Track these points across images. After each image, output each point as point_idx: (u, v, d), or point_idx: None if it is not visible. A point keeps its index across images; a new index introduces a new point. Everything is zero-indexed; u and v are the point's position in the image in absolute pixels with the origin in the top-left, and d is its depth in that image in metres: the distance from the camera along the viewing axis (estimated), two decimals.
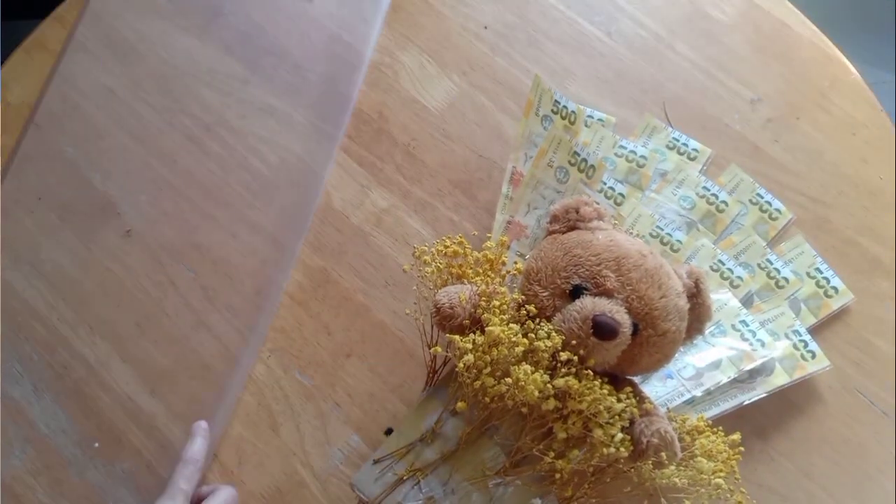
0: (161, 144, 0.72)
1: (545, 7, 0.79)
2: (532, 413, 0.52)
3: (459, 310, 0.53)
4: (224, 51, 0.76)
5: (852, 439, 0.62)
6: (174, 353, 0.65)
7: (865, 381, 0.64)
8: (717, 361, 0.61)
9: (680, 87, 0.75)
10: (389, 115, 0.74)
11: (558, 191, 0.65)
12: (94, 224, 0.69)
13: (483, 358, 0.50)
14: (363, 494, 0.55)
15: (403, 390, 0.64)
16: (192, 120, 0.73)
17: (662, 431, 0.50)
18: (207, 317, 0.66)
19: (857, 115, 0.74)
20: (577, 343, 0.50)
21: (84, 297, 0.67)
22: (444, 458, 0.55)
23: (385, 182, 0.72)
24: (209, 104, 0.74)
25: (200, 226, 0.69)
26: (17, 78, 0.75)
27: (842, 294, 0.65)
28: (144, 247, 0.69)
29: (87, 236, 0.69)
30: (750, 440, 0.61)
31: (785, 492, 0.60)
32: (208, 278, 0.68)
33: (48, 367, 0.65)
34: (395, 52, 0.77)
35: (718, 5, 0.79)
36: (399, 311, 0.67)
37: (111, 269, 0.68)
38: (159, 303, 0.67)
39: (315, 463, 0.62)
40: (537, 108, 0.66)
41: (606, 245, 0.53)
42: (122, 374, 0.64)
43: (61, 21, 0.78)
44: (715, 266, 0.66)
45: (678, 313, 0.53)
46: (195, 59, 0.76)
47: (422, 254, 0.57)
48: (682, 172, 0.70)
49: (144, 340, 0.66)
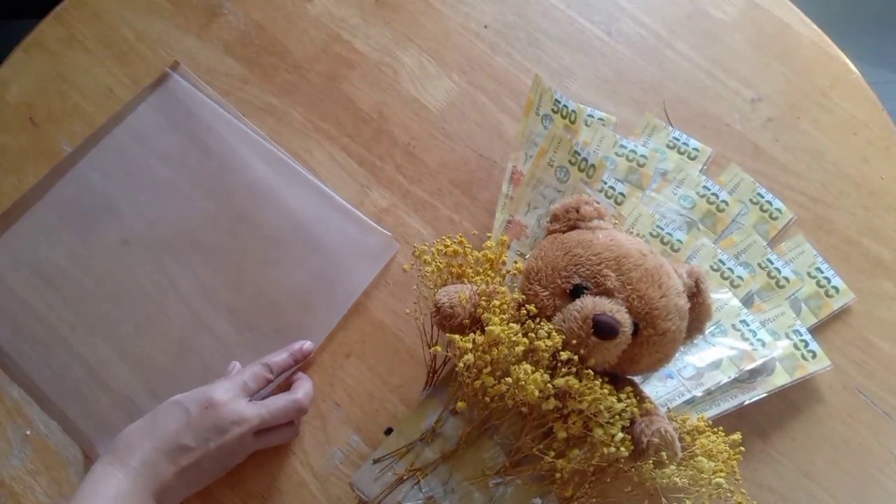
0: (161, 144, 0.72)
1: (545, 6, 0.79)
2: (532, 413, 0.52)
3: (459, 309, 0.53)
4: (224, 50, 0.76)
5: (853, 439, 0.62)
6: (174, 354, 0.65)
7: (866, 381, 0.64)
8: (717, 361, 0.61)
9: (680, 86, 0.75)
10: (389, 114, 0.74)
11: (559, 190, 0.65)
12: (93, 224, 0.69)
13: (483, 357, 0.50)
14: (363, 494, 0.55)
15: (403, 390, 0.64)
16: (192, 120, 0.73)
17: (663, 431, 0.50)
18: (207, 317, 0.66)
19: (858, 115, 0.74)
20: (577, 342, 0.50)
21: (83, 296, 0.67)
22: (444, 457, 0.55)
23: (385, 181, 0.72)
24: (209, 104, 0.74)
25: (200, 225, 0.69)
26: (16, 77, 0.75)
27: (842, 294, 0.65)
28: (144, 247, 0.68)
29: (87, 235, 0.69)
30: (750, 440, 0.61)
31: (785, 492, 0.60)
32: (208, 278, 0.67)
33: (47, 367, 0.65)
34: (395, 51, 0.77)
35: (719, 5, 0.79)
36: (399, 311, 0.67)
37: (110, 268, 0.68)
38: (159, 303, 0.67)
39: (315, 462, 0.62)
40: (538, 108, 0.66)
41: (607, 244, 0.53)
42: (121, 375, 0.64)
43: (60, 20, 0.78)
44: (715, 266, 0.66)
45: (678, 313, 0.52)
46: (195, 58, 0.76)
47: (422, 253, 0.57)
48: (683, 172, 0.70)
49: (144, 341, 0.65)
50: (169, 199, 0.70)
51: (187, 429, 0.54)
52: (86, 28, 0.77)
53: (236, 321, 0.66)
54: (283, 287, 0.67)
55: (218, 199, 0.70)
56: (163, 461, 0.53)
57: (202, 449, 0.53)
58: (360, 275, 0.68)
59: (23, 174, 0.71)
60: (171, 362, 0.65)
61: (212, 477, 0.56)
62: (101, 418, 0.63)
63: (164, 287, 0.67)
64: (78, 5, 0.79)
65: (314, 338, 0.65)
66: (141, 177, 0.71)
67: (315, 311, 0.66)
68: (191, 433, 0.54)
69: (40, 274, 0.68)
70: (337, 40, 0.77)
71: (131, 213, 0.70)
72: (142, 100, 0.74)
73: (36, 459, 0.62)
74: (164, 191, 0.71)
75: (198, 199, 0.70)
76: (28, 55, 0.76)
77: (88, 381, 0.64)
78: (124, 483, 0.51)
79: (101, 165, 0.71)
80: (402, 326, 0.66)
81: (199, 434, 0.54)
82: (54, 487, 0.61)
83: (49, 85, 0.75)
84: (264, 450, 0.62)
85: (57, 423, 0.63)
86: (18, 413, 0.63)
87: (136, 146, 0.72)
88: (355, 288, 0.67)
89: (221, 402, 0.55)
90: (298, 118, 0.74)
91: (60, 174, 0.71)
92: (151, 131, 0.73)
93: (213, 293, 0.67)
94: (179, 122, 0.73)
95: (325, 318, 0.66)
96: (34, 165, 0.72)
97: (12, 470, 0.62)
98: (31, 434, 0.63)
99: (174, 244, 0.69)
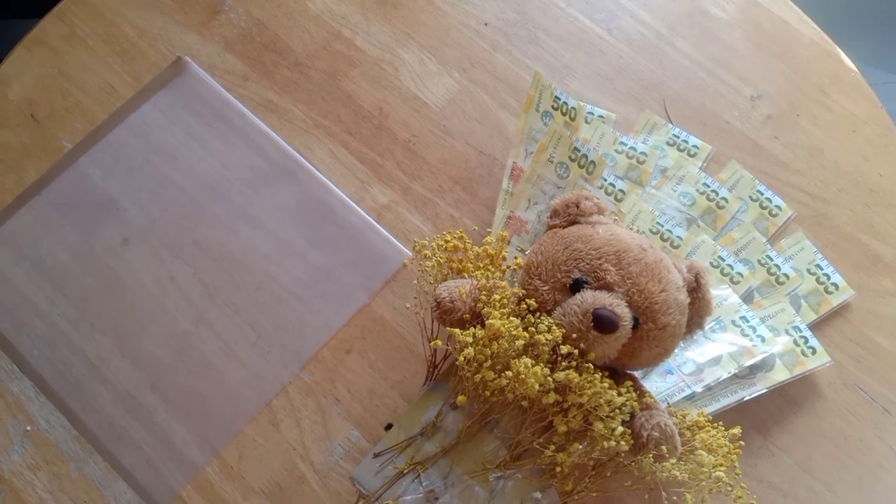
0: (162, 141, 0.72)
1: (546, 4, 0.79)
2: (532, 406, 0.52)
3: (460, 304, 0.53)
4: (224, 47, 0.76)
5: (852, 435, 0.62)
6: (175, 350, 0.65)
7: (865, 377, 0.64)
8: (717, 357, 0.61)
9: (680, 83, 0.75)
10: (390, 111, 0.74)
11: (559, 186, 0.66)
12: (94, 220, 0.69)
13: (483, 352, 0.50)
14: (363, 488, 0.55)
15: (403, 386, 0.64)
16: (192, 116, 0.73)
17: (663, 425, 0.50)
18: (208, 313, 0.66)
19: (857, 113, 0.74)
20: (577, 337, 0.50)
21: (85, 292, 0.67)
22: (444, 451, 0.55)
23: (385, 178, 0.72)
24: (210, 100, 0.74)
25: (201, 222, 0.70)
26: (18, 74, 0.75)
27: (842, 290, 0.65)
28: (145, 243, 0.69)
29: (88, 232, 0.69)
30: (750, 435, 0.61)
31: (785, 487, 0.60)
32: (209, 274, 0.68)
33: (48, 362, 0.65)
34: (395, 48, 0.77)
35: (719, 3, 0.79)
36: (399, 307, 0.67)
37: (112, 265, 0.68)
38: (160, 299, 0.67)
39: (315, 458, 0.62)
40: (538, 105, 0.66)
41: (607, 239, 0.53)
42: (122, 370, 0.64)
43: (62, 17, 0.78)
44: (715, 262, 0.66)
45: (678, 307, 0.53)
46: (196, 55, 0.76)
47: (422, 248, 0.57)
48: (683, 169, 0.70)
49: (145, 336, 0.66)
50: (171, 196, 0.70)
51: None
52: (87, 25, 0.78)
53: (237, 317, 0.66)
54: (284, 284, 0.67)
55: (220, 195, 0.70)
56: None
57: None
58: (366, 276, 0.68)
59: (24, 171, 0.71)
60: (173, 358, 0.65)
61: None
62: (103, 414, 0.63)
63: (166, 283, 0.67)
64: (79, 2, 0.79)
65: (315, 336, 0.65)
66: (142, 173, 0.71)
67: (317, 308, 0.67)
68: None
69: (42, 270, 0.68)
70: (338, 37, 0.78)
71: (133, 209, 0.70)
72: (149, 95, 0.74)
73: (36, 455, 0.62)
74: (165, 187, 0.71)
75: (199, 195, 0.70)
76: (29, 52, 0.77)
77: (90, 376, 0.64)
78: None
79: (103, 162, 0.72)
80: (403, 322, 0.66)
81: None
82: (55, 482, 0.61)
83: (50, 82, 0.75)
84: (264, 445, 0.62)
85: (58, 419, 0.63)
86: (19, 408, 0.63)
87: (138, 143, 0.72)
88: (359, 290, 0.67)
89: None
90: (299, 115, 0.74)
91: (61, 170, 0.71)
92: (153, 128, 0.73)
93: (214, 289, 0.67)
94: (184, 118, 0.73)
95: (328, 316, 0.66)
96: (35, 162, 0.72)
97: (13, 465, 0.62)
98: (32, 429, 0.63)
99: (175, 240, 0.69)
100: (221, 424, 0.63)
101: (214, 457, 0.62)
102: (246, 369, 0.65)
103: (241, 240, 0.69)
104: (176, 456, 0.62)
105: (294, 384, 0.64)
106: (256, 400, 0.64)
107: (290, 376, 0.64)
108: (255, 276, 0.68)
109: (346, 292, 0.67)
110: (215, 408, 0.63)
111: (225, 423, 0.63)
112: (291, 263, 0.68)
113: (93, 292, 0.67)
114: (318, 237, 0.69)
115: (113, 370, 0.65)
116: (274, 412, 0.63)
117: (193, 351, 0.65)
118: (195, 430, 0.63)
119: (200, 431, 0.63)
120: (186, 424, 0.63)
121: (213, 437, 0.62)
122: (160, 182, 0.71)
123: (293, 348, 0.65)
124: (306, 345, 0.65)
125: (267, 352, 0.65)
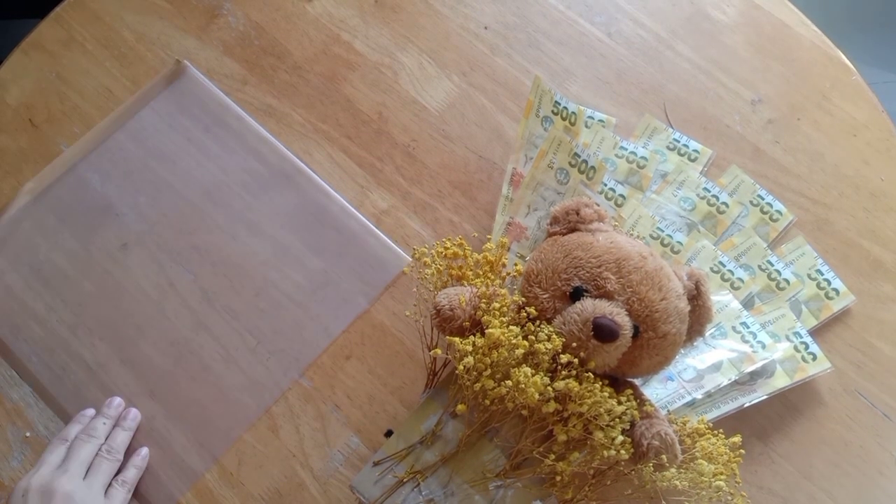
0: (160, 145, 0.72)
1: (545, 8, 0.79)
2: (532, 415, 0.52)
3: (459, 312, 0.53)
4: (223, 51, 0.76)
5: (853, 441, 0.62)
6: (173, 355, 0.65)
7: (866, 383, 0.64)
8: (717, 363, 0.61)
9: (680, 87, 0.75)
10: (389, 115, 0.74)
11: (559, 192, 0.65)
12: (93, 225, 0.69)
13: (483, 360, 0.50)
14: (363, 496, 0.55)
15: (403, 392, 0.64)
16: (191, 121, 0.73)
17: (663, 434, 0.50)
18: (207, 318, 0.66)
19: (858, 117, 0.74)
20: (577, 345, 0.50)
21: (83, 298, 0.67)
22: (444, 460, 0.55)
23: (385, 183, 0.72)
24: (208, 104, 0.74)
25: (200, 227, 0.69)
26: (16, 79, 0.75)
27: (843, 296, 0.65)
28: (144, 248, 0.68)
29: (87, 237, 0.69)
30: (750, 442, 0.61)
31: (786, 494, 0.60)
32: (207, 280, 0.67)
33: (47, 368, 0.65)
34: (394, 52, 0.77)
35: (719, 6, 0.79)
36: (399, 313, 0.67)
37: (110, 270, 0.68)
38: (158, 304, 0.67)
39: (315, 465, 0.62)
40: (537, 109, 0.66)
41: (607, 247, 0.53)
42: (121, 376, 0.64)
43: (60, 21, 0.78)
44: (716, 267, 0.66)
45: (679, 315, 0.52)
46: (194, 60, 0.75)
47: (422, 255, 0.57)
48: (683, 174, 0.70)
49: (144, 342, 0.65)
50: (169, 201, 0.70)
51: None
52: (85, 29, 0.77)
53: (236, 323, 0.66)
54: (283, 289, 0.67)
55: (218, 200, 0.70)
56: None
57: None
58: (366, 281, 0.68)
59: (22, 175, 0.71)
60: (171, 364, 0.65)
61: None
62: None
63: (164, 288, 0.67)
64: (77, 6, 0.79)
65: (315, 342, 0.65)
66: (141, 178, 0.71)
67: (316, 314, 0.66)
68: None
69: (40, 275, 0.68)
70: (336, 41, 0.77)
71: (131, 214, 0.70)
72: (147, 99, 0.73)
73: (35, 461, 0.62)
74: (164, 192, 0.71)
75: (198, 200, 0.70)
76: (27, 56, 0.76)
77: (89, 382, 0.64)
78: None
79: (101, 167, 0.71)
80: (402, 328, 0.66)
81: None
82: None
83: (48, 86, 0.75)
84: (264, 452, 0.62)
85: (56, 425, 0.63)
86: (18, 415, 0.63)
87: (136, 147, 0.72)
88: (359, 296, 0.67)
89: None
90: (298, 119, 0.74)
91: (59, 175, 0.71)
92: (152, 133, 0.73)
93: (212, 295, 0.67)
94: (182, 122, 0.73)
95: (327, 321, 0.66)
96: (33, 167, 0.71)
97: (12, 472, 0.62)
98: (31, 436, 0.63)
99: (174, 245, 0.69)
100: (221, 431, 0.63)
101: (214, 463, 0.62)
102: (245, 375, 0.64)
103: (240, 245, 0.69)
104: (175, 462, 0.62)
105: (293, 390, 0.64)
106: (256, 406, 0.64)
107: (289, 382, 0.64)
108: (254, 281, 0.67)
109: (345, 298, 0.67)
110: (214, 414, 0.63)
111: (224, 429, 0.63)
112: (290, 269, 0.68)
113: (91, 298, 0.67)
114: (317, 242, 0.69)
115: (112, 376, 0.64)
116: (273, 418, 0.63)
117: (192, 357, 0.65)
118: (194, 436, 0.63)
119: (200, 438, 0.63)
120: (186, 431, 0.63)
121: (212, 444, 0.62)
122: (159, 187, 0.71)
123: (292, 354, 0.65)
124: (306, 351, 0.65)
125: (266, 358, 0.65)
